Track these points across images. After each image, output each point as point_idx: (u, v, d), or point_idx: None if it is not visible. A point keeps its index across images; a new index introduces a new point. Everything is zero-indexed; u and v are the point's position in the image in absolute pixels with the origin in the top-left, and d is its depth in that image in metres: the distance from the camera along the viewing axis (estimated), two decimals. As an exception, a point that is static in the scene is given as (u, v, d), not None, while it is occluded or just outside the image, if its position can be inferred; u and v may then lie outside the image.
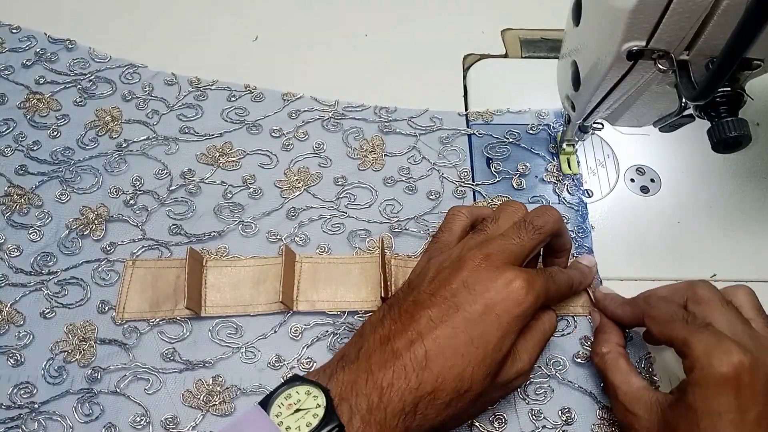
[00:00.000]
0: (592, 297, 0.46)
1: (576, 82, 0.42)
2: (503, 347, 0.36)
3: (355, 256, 0.48)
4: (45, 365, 0.43)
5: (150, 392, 0.43)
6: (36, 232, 0.48)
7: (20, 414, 0.42)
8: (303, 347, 0.44)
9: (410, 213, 0.50)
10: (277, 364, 0.44)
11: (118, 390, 0.43)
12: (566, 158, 0.52)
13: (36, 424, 0.42)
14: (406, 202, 0.51)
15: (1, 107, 0.53)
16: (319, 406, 0.34)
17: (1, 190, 0.50)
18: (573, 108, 0.45)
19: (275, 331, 0.45)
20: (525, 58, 0.58)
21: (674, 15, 0.32)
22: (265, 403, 0.35)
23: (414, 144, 0.53)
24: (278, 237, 0.48)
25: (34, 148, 0.51)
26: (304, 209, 0.50)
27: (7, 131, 0.52)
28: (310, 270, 0.47)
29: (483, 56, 0.59)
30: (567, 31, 0.43)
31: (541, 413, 0.43)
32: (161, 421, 0.42)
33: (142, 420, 0.42)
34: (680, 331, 0.36)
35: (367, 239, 0.48)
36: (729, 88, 0.34)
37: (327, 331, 0.45)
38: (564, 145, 0.51)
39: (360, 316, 0.45)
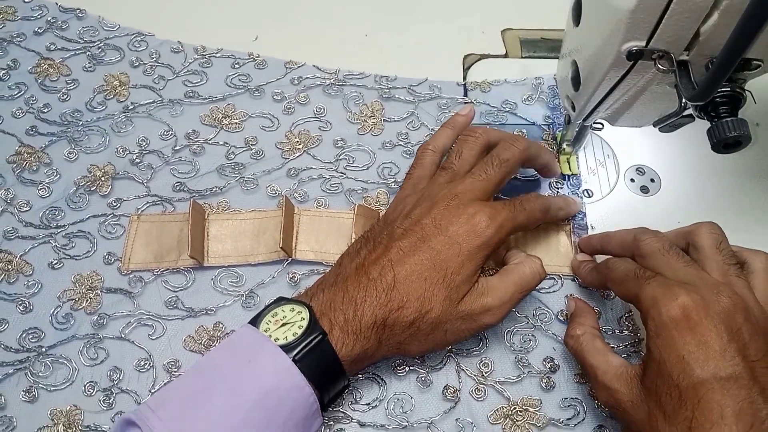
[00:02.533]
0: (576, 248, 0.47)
1: (576, 82, 0.42)
2: (462, 272, 0.39)
3: (351, 211, 0.49)
4: (53, 312, 0.45)
5: (153, 338, 0.45)
6: (45, 189, 0.50)
7: (28, 357, 0.44)
8: (300, 292, 0.46)
9: (407, 175, 0.51)
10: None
11: (123, 336, 0.44)
12: (566, 158, 0.52)
13: (43, 366, 0.43)
14: (404, 165, 0.52)
15: (14, 72, 0.55)
16: (303, 319, 0.37)
17: (12, 149, 0.51)
18: (573, 108, 0.45)
19: (273, 278, 0.46)
20: (525, 58, 0.58)
21: (674, 15, 0.32)
22: (254, 323, 0.38)
23: (413, 110, 0.54)
24: (278, 192, 0.50)
25: (45, 111, 0.53)
26: (304, 169, 0.51)
27: (19, 94, 0.54)
28: (308, 222, 0.48)
29: (483, 56, 0.59)
30: (567, 31, 0.44)
31: (527, 360, 0.44)
32: (164, 364, 0.44)
33: (145, 364, 0.44)
34: (632, 287, 0.38)
35: (364, 196, 0.50)
36: (729, 88, 0.35)
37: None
38: (564, 146, 0.51)
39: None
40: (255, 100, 0.54)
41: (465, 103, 0.55)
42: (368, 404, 0.42)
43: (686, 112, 0.37)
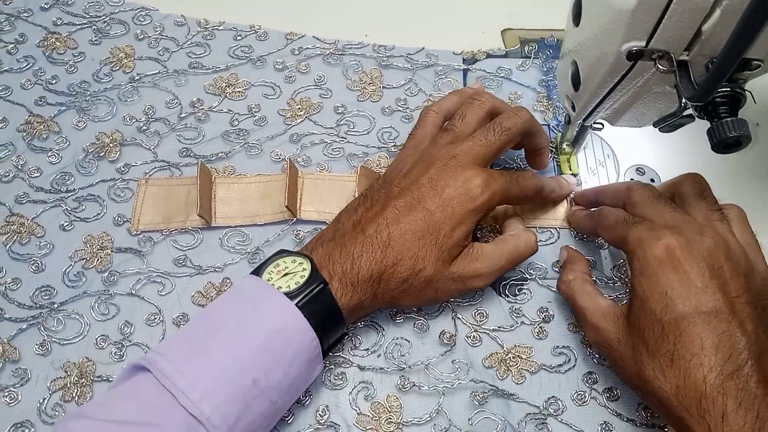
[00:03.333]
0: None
1: (576, 82, 0.42)
2: (454, 235, 0.41)
3: (352, 174, 0.51)
4: (65, 270, 0.46)
5: (163, 294, 0.46)
6: (55, 155, 0.51)
7: (41, 312, 0.45)
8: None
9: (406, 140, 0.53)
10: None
11: (133, 292, 0.46)
12: (566, 158, 0.52)
13: (55, 321, 0.45)
14: (403, 130, 0.53)
15: (21, 46, 0.56)
16: (305, 269, 0.39)
17: (22, 119, 0.53)
18: (573, 108, 0.45)
19: (279, 236, 0.48)
20: (525, 57, 0.58)
21: (674, 15, 0.33)
22: (256, 273, 0.40)
23: (411, 77, 0.56)
24: (281, 157, 0.51)
25: (53, 82, 0.55)
26: (306, 135, 0.53)
27: (27, 67, 0.55)
28: (311, 185, 0.50)
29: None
30: (567, 31, 0.43)
31: (521, 311, 0.46)
32: (173, 318, 0.45)
33: (155, 318, 0.45)
34: (621, 231, 0.40)
35: (365, 159, 0.51)
36: (729, 88, 0.35)
37: (328, 239, 0.48)
38: (564, 145, 0.52)
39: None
40: (257, 70, 0.56)
41: (462, 69, 0.56)
42: (367, 350, 0.44)
43: (686, 112, 0.37)
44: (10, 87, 0.54)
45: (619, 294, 0.46)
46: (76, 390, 0.42)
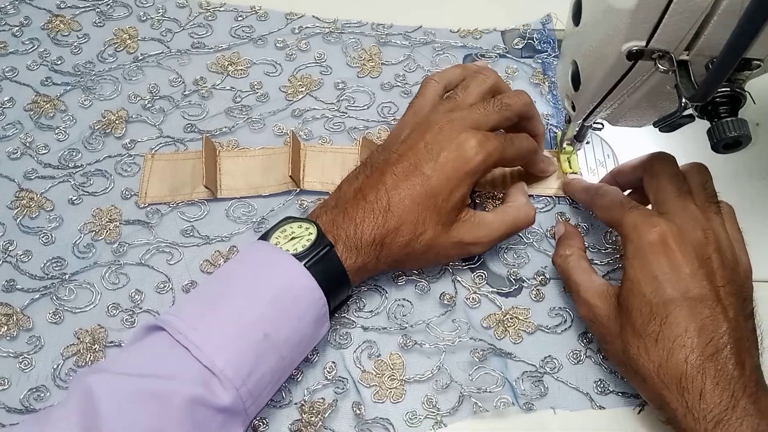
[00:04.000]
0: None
1: (576, 82, 0.42)
2: (452, 198, 0.41)
3: (354, 147, 0.52)
4: (75, 242, 0.48)
5: (171, 263, 0.47)
6: (62, 133, 0.52)
7: (53, 283, 0.46)
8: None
9: (406, 113, 0.54)
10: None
11: (143, 262, 0.47)
12: (566, 157, 0.52)
13: (67, 290, 0.46)
14: (402, 104, 0.55)
15: (26, 28, 0.57)
16: (312, 234, 0.40)
17: (28, 98, 0.54)
18: (573, 108, 0.45)
19: (284, 206, 0.49)
20: (525, 57, 0.58)
21: (674, 15, 0.33)
22: (264, 239, 0.41)
23: (409, 53, 0.57)
24: (284, 131, 0.52)
25: (58, 63, 0.56)
26: (308, 110, 0.54)
27: (32, 49, 0.56)
28: (313, 157, 0.51)
29: (483, 56, 0.58)
30: (567, 31, 0.43)
31: (518, 274, 0.47)
32: (182, 286, 0.46)
33: (165, 286, 0.46)
34: (616, 214, 0.41)
35: (366, 133, 0.53)
36: (729, 88, 0.35)
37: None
38: (564, 145, 0.52)
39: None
40: (258, 49, 0.57)
41: (459, 46, 0.57)
42: (371, 311, 0.45)
43: (686, 112, 0.38)
44: (16, 68, 0.55)
45: (609, 260, 0.47)
46: (89, 355, 0.43)
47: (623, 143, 0.53)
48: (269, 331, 0.37)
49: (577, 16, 0.40)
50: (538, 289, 0.46)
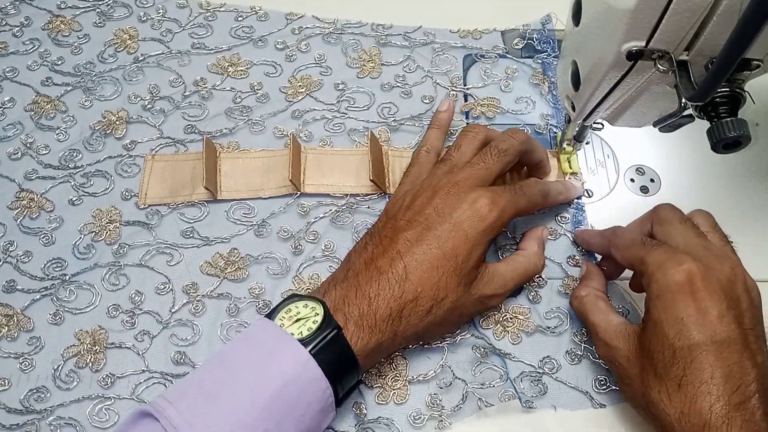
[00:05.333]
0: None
1: (576, 82, 0.42)
2: (472, 258, 0.40)
3: (355, 149, 0.52)
4: (75, 243, 0.48)
5: (171, 264, 0.47)
6: (62, 133, 0.52)
7: (53, 284, 0.46)
8: (309, 222, 0.48)
9: (406, 114, 0.54)
10: (285, 236, 0.48)
11: (143, 263, 0.47)
12: (566, 157, 0.52)
13: (67, 291, 0.46)
14: (402, 104, 0.55)
15: (27, 29, 0.57)
16: (318, 314, 0.38)
17: (29, 99, 0.54)
18: (573, 108, 0.45)
19: (284, 209, 0.49)
20: (525, 58, 0.58)
21: (674, 15, 0.32)
22: (268, 318, 0.39)
23: (409, 54, 0.57)
24: (284, 133, 0.52)
25: (58, 63, 0.56)
26: (308, 111, 0.54)
27: (33, 49, 0.56)
28: (314, 159, 0.51)
29: (483, 56, 0.57)
30: (567, 31, 0.43)
31: None
32: (182, 287, 0.46)
33: (165, 287, 0.46)
34: (638, 252, 0.40)
35: (365, 133, 0.53)
36: (729, 88, 0.35)
37: (330, 210, 0.49)
38: (564, 145, 0.51)
39: (361, 199, 0.50)
40: (258, 49, 0.57)
41: (458, 47, 0.57)
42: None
43: (686, 112, 0.37)
44: (16, 68, 0.55)
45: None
46: (90, 357, 0.43)
47: (623, 143, 0.53)
48: (270, 428, 0.35)
49: (577, 16, 0.40)
50: (536, 291, 0.47)
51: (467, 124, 0.54)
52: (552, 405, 0.43)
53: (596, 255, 0.48)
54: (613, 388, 0.43)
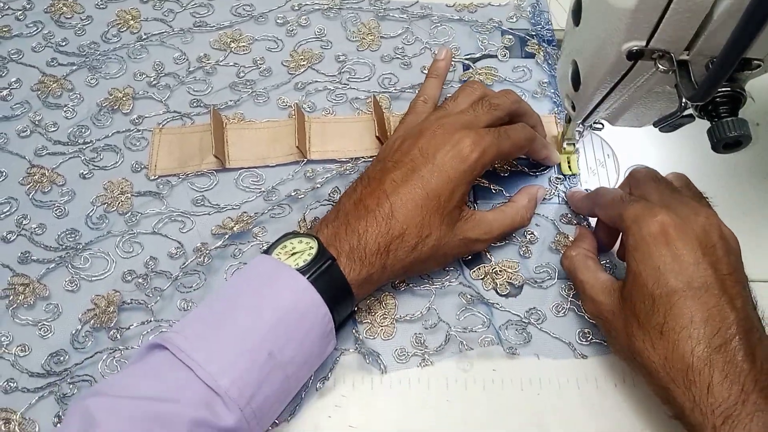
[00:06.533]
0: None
1: (576, 82, 0.42)
2: (454, 198, 0.42)
3: (357, 116, 0.53)
4: (88, 214, 0.48)
5: (184, 231, 0.48)
6: (70, 111, 0.53)
7: (67, 253, 0.47)
8: (317, 184, 0.50)
9: (406, 84, 0.55)
10: (294, 194, 0.49)
11: (155, 230, 0.48)
12: (566, 158, 0.52)
13: (81, 260, 0.47)
14: (402, 75, 0.56)
15: (29, 12, 0.58)
16: (312, 248, 0.40)
17: (35, 79, 0.55)
18: (573, 108, 0.45)
19: (292, 176, 0.50)
20: (525, 58, 0.58)
21: (674, 15, 0.32)
22: (265, 254, 0.41)
23: (407, 26, 0.58)
24: (287, 104, 0.54)
25: (63, 44, 0.57)
26: (310, 83, 0.55)
27: (37, 32, 0.57)
28: (318, 128, 0.52)
29: (482, 56, 0.58)
30: (567, 31, 0.43)
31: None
32: (194, 248, 0.47)
33: (177, 251, 0.47)
34: (617, 208, 0.41)
35: (367, 100, 0.54)
36: (729, 88, 0.35)
37: (337, 173, 0.50)
38: (564, 145, 0.52)
39: (365, 161, 0.51)
40: (260, 26, 0.58)
41: (455, 19, 0.59)
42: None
43: (686, 112, 0.37)
44: (21, 50, 0.56)
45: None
46: (104, 317, 0.44)
47: (623, 143, 0.53)
48: (274, 350, 0.36)
49: (577, 16, 0.40)
50: (527, 246, 0.48)
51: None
52: (535, 353, 0.45)
53: (591, 222, 0.49)
54: (596, 340, 0.45)
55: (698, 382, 0.35)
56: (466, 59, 0.57)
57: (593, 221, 0.49)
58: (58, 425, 0.39)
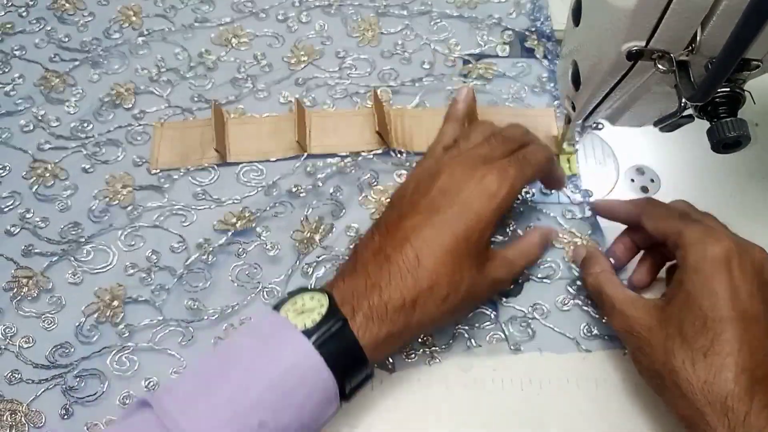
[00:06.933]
0: None
1: (576, 82, 0.42)
2: (484, 238, 0.40)
3: (357, 110, 0.54)
4: (90, 207, 0.49)
5: (185, 225, 0.49)
6: (72, 106, 0.54)
7: (70, 246, 0.47)
8: (318, 180, 0.50)
9: (406, 79, 0.56)
10: (295, 190, 0.50)
11: (157, 224, 0.48)
12: (566, 158, 0.52)
13: (84, 252, 0.47)
14: (402, 70, 0.56)
15: (32, 9, 0.59)
16: (323, 306, 0.36)
17: (38, 75, 0.55)
18: (573, 108, 0.45)
19: (293, 171, 0.51)
20: (525, 57, 0.58)
21: (674, 15, 0.32)
22: (271, 308, 0.38)
23: (407, 23, 0.59)
24: (288, 99, 0.54)
25: (65, 40, 0.57)
26: (311, 78, 0.56)
27: (40, 28, 0.58)
28: (318, 122, 0.53)
29: (482, 56, 0.58)
30: (567, 31, 0.43)
31: (513, 225, 0.49)
32: (196, 243, 0.48)
33: (180, 246, 0.48)
34: (675, 225, 0.40)
35: (367, 94, 0.54)
36: (728, 88, 0.34)
37: (337, 168, 0.51)
38: (564, 145, 0.52)
39: (364, 157, 0.51)
40: (260, 22, 0.59)
41: (455, 16, 0.59)
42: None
43: (686, 112, 0.37)
44: (24, 46, 0.57)
45: None
46: (109, 311, 0.45)
47: (623, 143, 0.53)
48: (266, 418, 0.33)
49: (577, 16, 0.40)
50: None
51: (465, 84, 0.56)
52: (538, 348, 0.45)
53: (599, 242, 0.49)
54: (600, 335, 0.45)
55: (736, 409, 0.35)
56: (466, 57, 0.57)
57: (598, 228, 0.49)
58: None
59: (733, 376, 0.35)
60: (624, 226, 0.47)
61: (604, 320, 0.45)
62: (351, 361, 0.36)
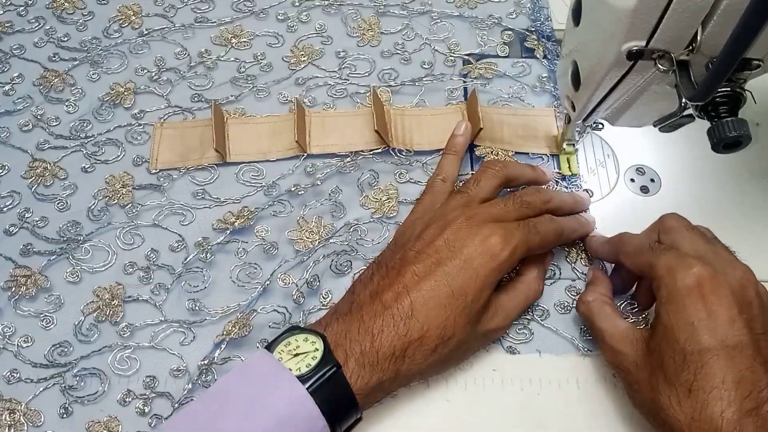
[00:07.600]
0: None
1: (576, 82, 0.42)
2: (481, 298, 0.39)
3: (357, 110, 0.54)
4: (89, 206, 0.49)
5: (184, 224, 0.49)
6: (72, 105, 0.54)
7: (68, 245, 0.47)
8: (318, 180, 0.50)
9: (406, 79, 0.56)
10: (295, 190, 0.49)
11: (156, 223, 0.48)
12: (566, 158, 0.52)
13: (83, 251, 0.47)
14: (402, 70, 0.56)
15: (31, 8, 0.59)
16: (317, 349, 0.36)
17: (37, 74, 0.55)
18: (573, 108, 0.45)
19: (292, 171, 0.50)
20: (525, 58, 0.57)
21: (674, 15, 0.32)
22: (268, 350, 0.38)
23: (407, 23, 0.59)
24: (288, 99, 0.54)
25: (64, 39, 0.57)
26: (311, 78, 0.55)
27: (39, 27, 0.58)
28: (318, 122, 0.53)
29: (482, 56, 0.58)
30: (567, 31, 0.43)
31: None
32: (195, 243, 0.47)
33: (179, 245, 0.48)
34: (647, 258, 0.39)
35: (367, 94, 0.54)
36: (729, 88, 0.34)
37: (336, 168, 0.51)
38: (564, 145, 0.51)
39: (364, 156, 0.51)
40: (260, 21, 0.59)
41: (455, 15, 0.59)
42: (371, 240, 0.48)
43: (686, 112, 0.37)
44: (23, 46, 0.57)
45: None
46: (108, 310, 0.45)
47: (623, 143, 0.53)
48: None
49: (577, 16, 0.40)
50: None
51: (465, 88, 0.55)
52: (537, 350, 0.45)
53: (606, 266, 0.48)
54: None
55: None
56: (466, 57, 0.57)
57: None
58: None
59: (719, 411, 0.34)
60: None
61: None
62: (344, 407, 0.36)
